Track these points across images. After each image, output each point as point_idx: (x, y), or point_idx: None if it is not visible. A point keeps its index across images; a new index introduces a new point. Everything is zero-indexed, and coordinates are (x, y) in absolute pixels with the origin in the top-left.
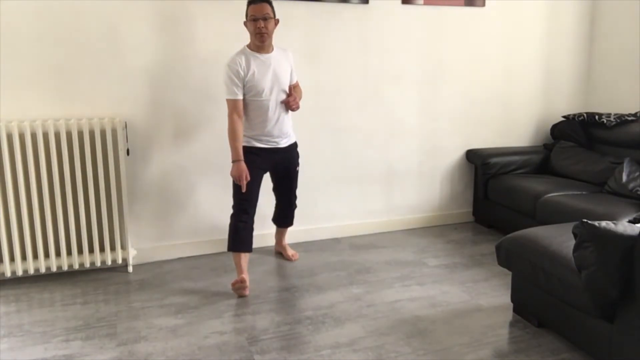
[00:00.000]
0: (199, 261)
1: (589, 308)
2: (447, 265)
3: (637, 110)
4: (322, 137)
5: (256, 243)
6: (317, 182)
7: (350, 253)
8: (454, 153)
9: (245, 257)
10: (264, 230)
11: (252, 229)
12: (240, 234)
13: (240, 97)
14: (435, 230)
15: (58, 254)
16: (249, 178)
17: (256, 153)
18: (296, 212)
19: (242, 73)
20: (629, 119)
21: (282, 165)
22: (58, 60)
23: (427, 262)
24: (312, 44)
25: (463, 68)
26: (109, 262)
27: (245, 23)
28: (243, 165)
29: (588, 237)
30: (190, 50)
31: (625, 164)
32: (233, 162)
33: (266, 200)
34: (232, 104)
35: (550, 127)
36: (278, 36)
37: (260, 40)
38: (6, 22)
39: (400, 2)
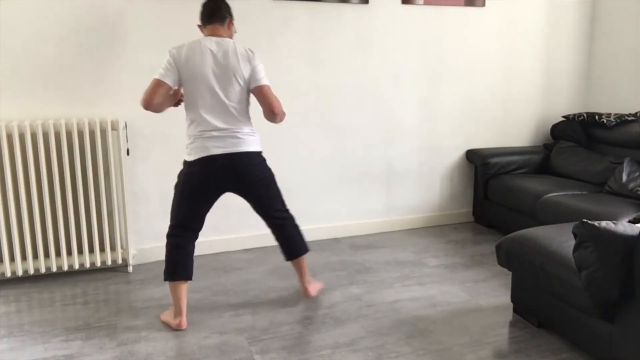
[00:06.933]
0: (199, 261)
1: (589, 308)
2: (447, 265)
3: (637, 110)
4: (322, 137)
5: (256, 243)
6: (317, 182)
7: (350, 253)
8: (454, 153)
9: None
10: (263, 230)
11: None
12: None
13: None
14: (435, 230)
15: (58, 254)
16: None
17: None
18: (296, 212)
19: None
20: (629, 119)
21: None
22: (58, 60)
23: (427, 262)
24: (312, 44)
25: (463, 68)
26: (109, 262)
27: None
28: None
29: (588, 237)
30: None
31: (625, 164)
32: None
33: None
34: None
35: (550, 127)
36: (278, 36)
37: None
38: (6, 22)
39: (400, 2)
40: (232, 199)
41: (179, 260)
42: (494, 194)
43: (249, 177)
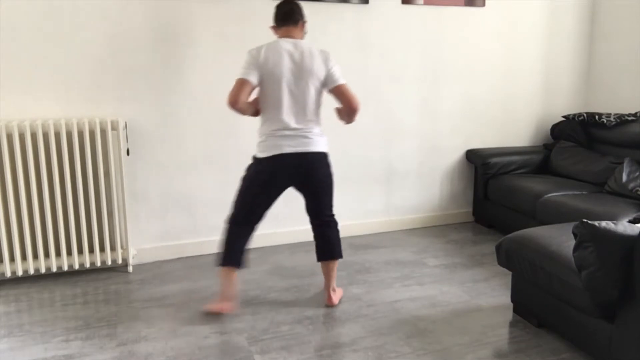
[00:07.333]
0: (199, 261)
1: (589, 308)
2: (447, 265)
3: (637, 110)
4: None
5: (256, 243)
6: None
7: (350, 253)
8: (454, 153)
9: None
10: (263, 230)
11: None
12: None
13: None
14: (435, 230)
15: (58, 254)
16: None
17: None
18: (297, 212)
19: None
20: (629, 119)
21: None
22: (58, 60)
23: (427, 262)
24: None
25: (463, 68)
26: (109, 262)
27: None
28: None
29: (588, 237)
30: (191, 51)
31: (625, 164)
32: None
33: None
34: None
35: (550, 127)
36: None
37: None
38: (6, 22)
39: (400, 2)
40: (232, 199)
41: (232, 248)
42: (494, 194)
43: (316, 176)
